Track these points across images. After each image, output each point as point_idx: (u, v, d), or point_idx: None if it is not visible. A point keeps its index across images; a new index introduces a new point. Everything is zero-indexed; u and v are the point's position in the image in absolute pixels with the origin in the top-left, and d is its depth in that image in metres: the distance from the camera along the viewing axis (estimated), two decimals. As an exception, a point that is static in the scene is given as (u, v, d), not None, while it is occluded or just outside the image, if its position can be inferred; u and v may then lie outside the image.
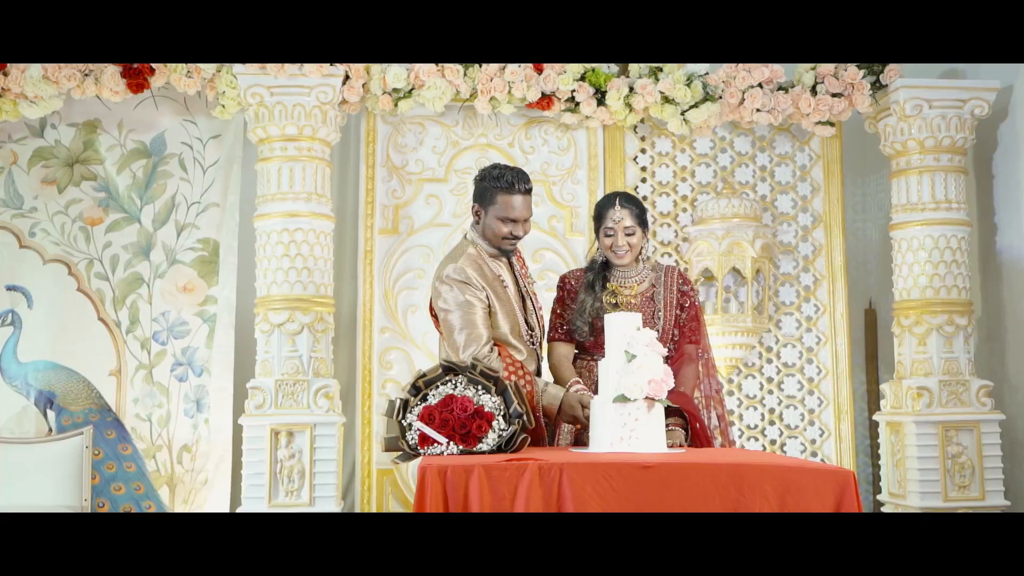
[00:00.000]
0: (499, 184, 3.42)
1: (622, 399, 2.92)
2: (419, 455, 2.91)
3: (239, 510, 4.70)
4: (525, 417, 2.94)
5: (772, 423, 5.32)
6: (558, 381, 3.56)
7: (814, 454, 5.29)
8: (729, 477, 2.51)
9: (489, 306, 3.43)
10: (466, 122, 5.28)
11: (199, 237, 5.13)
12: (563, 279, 3.78)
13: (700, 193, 5.37)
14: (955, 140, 5.04)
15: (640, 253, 3.61)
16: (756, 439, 5.31)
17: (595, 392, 3.25)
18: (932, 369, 5.00)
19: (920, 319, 5.04)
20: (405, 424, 2.94)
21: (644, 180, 5.37)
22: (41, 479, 4.50)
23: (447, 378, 3.00)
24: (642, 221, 3.56)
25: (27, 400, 4.93)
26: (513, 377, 3.22)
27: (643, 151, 5.38)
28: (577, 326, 3.59)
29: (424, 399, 2.98)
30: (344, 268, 5.24)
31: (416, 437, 2.92)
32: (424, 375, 3.02)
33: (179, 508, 4.98)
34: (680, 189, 5.39)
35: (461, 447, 2.89)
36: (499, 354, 3.33)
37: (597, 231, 3.62)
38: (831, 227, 5.37)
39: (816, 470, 2.59)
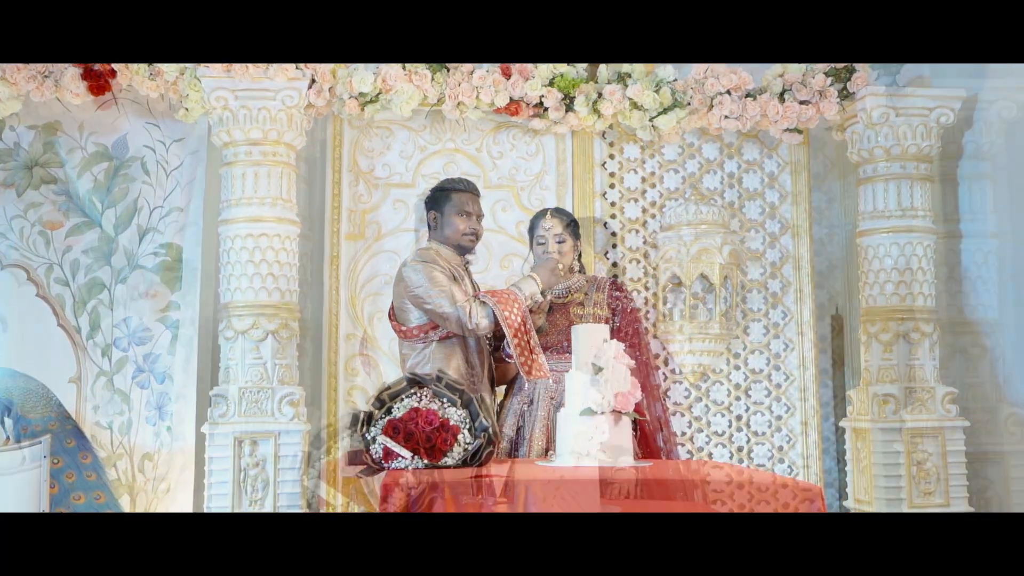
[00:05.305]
0: (452, 186, 3.98)
1: (588, 412, 2.90)
2: (383, 469, 2.87)
3: (202, 520, 4.64)
4: (491, 430, 2.91)
5: (740, 429, 5.32)
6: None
7: (781, 460, 5.29)
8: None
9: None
10: (433, 127, 5.24)
11: (162, 242, 5.03)
12: None
13: (668, 199, 5.36)
14: (921, 148, 5.05)
15: (572, 263, 3.76)
16: (724, 445, 5.30)
17: None
18: (897, 376, 5.02)
19: (886, 326, 5.05)
20: (369, 438, 2.90)
21: (612, 186, 5.34)
22: (-2, 489, 4.42)
23: (412, 391, 2.96)
24: (573, 232, 3.74)
25: (-19, 409, 4.83)
26: (504, 309, 3.44)
27: (611, 156, 5.35)
28: None
29: (389, 412, 2.94)
30: (310, 274, 5.18)
31: (380, 451, 2.88)
32: (389, 387, 2.98)
33: (140, 518, 4.90)
34: (648, 195, 5.38)
35: (426, 461, 2.85)
36: (482, 299, 3.58)
37: (531, 243, 3.83)
38: (798, 234, 5.38)
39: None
